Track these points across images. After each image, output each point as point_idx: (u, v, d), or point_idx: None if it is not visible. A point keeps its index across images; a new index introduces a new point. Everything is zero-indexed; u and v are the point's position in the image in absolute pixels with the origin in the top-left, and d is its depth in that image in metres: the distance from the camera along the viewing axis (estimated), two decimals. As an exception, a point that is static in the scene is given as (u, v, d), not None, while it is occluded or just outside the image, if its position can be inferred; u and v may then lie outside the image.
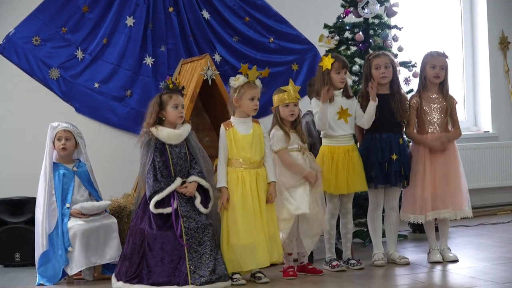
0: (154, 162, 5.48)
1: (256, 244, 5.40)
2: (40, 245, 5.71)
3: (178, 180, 5.50)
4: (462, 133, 6.16)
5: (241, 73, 5.63)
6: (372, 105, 5.82)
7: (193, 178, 5.56)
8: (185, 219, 5.40)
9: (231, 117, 5.63)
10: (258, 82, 5.62)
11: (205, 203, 5.53)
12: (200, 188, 5.57)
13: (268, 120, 7.42)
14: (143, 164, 5.53)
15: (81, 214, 5.74)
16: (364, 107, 5.90)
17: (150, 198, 5.43)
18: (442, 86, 6.03)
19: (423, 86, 6.06)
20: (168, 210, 5.42)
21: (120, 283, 5.42)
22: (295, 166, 5.60)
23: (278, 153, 5.63)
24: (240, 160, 5.51)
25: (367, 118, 5.87)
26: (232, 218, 5.45)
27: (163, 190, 5.43)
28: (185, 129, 5.63)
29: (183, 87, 5.73)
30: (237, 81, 5.56)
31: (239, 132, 5.54)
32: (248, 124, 5.59)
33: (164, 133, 5.53)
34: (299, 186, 5.58)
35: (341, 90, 5.88)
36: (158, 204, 5.42)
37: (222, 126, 5.59)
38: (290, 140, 5.62)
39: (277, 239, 5.51)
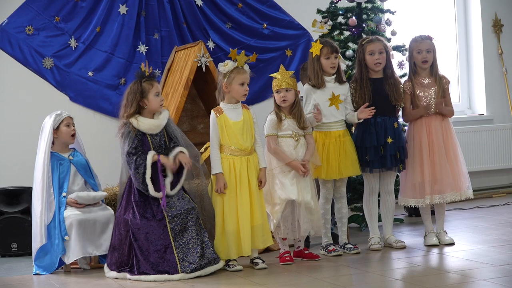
0: (136, 150, 5.42)
1: (244, 232, 5.41)
2: (38, 239, 5.67)
3: (151, 152, 5.41)
4: (457, 116, 6.15)
5: (229, 58, 5.62)
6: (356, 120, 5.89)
7: (179, 148, 5.50)
8: (167, 208, 5.37)
9: (221, 103, 5.60)
10: (246, 67, 5.60)
11: (174, 183, 5.47)
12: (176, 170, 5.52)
13: (262, 106, 7.46)
14: (126, 155, 5.45)
15: (77, 204, 5.73)
16: (357, 92, 5.90)
17: (142, 183, 5.38)
18: (432, 69, 6.03)
19: (413, 72, 6.05)
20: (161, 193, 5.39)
21: (114, 272, 5.42)
22: (278, 153, 5.59)
23: (266, 138, 5.64)
24: (232, 147, 5.50)
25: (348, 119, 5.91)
26: (227, 204, 5.45)
27: (145, 170, 5.37)
28: (164, 116, 5.56)
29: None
30: (226, 66, 5.53)
31: (229, 119, 5.51)
32: (238, 110, 5.56)
33: (145, 124, 5.46)
34: (290, 172, 5.59)
35: (334, 75, 5.88)
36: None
37: (213, 112, 5.55)
38: (281, 126, 5.61)
39: (266, 226, 5.52)
